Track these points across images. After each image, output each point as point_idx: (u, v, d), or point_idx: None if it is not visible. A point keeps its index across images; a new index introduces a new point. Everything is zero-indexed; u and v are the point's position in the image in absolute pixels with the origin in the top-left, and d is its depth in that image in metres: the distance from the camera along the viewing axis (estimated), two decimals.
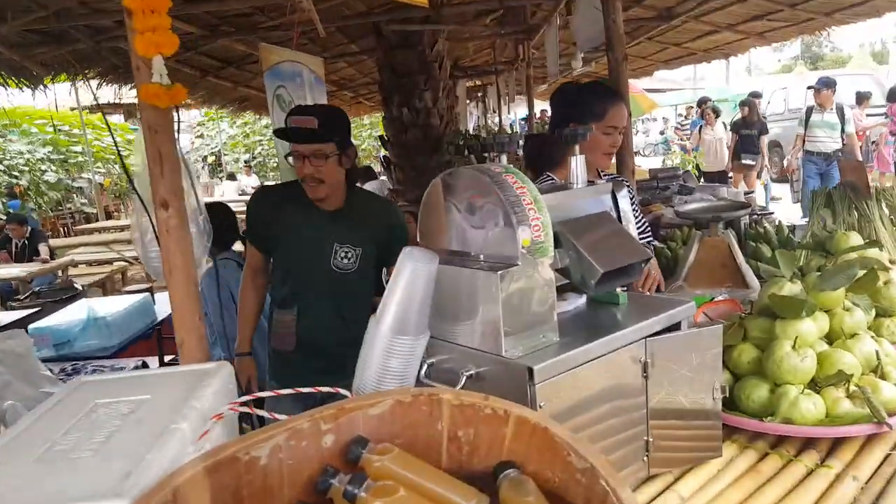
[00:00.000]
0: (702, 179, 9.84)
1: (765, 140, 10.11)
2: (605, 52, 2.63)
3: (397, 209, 2.60)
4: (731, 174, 10.46)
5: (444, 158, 6.20)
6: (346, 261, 2.33)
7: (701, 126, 11.01)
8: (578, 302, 1.44)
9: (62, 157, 17.91)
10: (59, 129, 18.29)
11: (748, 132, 10.02)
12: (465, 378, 1.24)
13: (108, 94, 6.36)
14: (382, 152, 6.59)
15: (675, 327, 1.37)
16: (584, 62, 5.04)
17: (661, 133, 26.23)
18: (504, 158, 1.38)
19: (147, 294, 4.89)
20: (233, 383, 1.47)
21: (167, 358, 3.92)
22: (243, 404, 1.18)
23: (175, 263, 1.52)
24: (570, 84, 2.30)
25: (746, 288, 2.38)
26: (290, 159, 2.24)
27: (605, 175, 2.35)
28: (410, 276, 1.24)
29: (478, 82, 12.81)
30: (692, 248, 2.53)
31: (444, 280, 1.29)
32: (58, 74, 4.82)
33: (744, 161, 10.00)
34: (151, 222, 1.52)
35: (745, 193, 4.15)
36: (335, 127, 2.27)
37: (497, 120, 12.19)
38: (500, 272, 1.17)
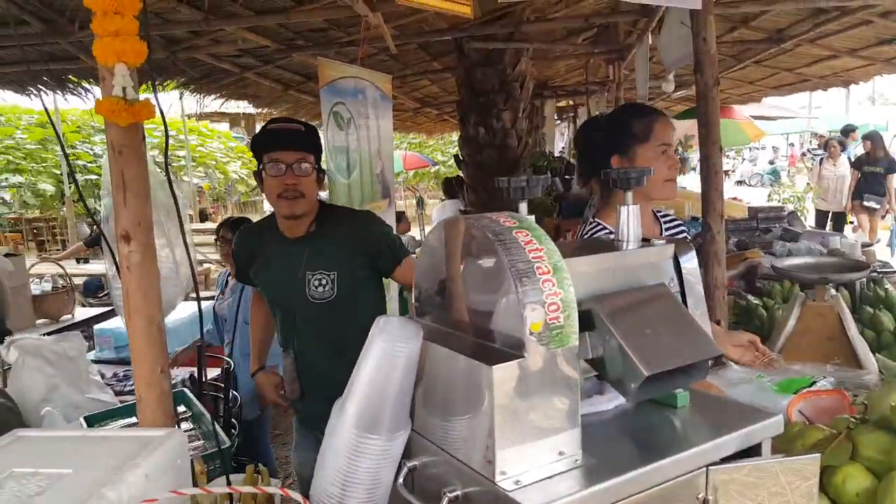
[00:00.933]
0: (810, 218, 8.93)
1: (892, 180, 8.84)
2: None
3: (373, 215, 2.38)
4: (852, 218, 9.36)
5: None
6: (320, 289, 2.07)
7: (822, 159, 9.98)
8: (622, 399, 1.09)
9: (156, 163, 18.70)
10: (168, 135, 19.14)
11: (872, 170, 8.83)
12: (446, 501, 0.92)
13: (215, 103, 6.45)
14: (457, 173, 6.33)
15: (753, 451, 1.00)
16: (676, 85, 4.59)
17: (771, 163, 24.77)
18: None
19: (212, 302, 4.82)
20: (182, 456, 1.21)
21: (211, 373, 3.77)
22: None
23: (136, 305, 1.28)
24: (597, 117, 1.93)
25: (859, 368, 1.92)
26: (267, 171, 2.00)
27: (667, 221, 1.95)
28: (383, 358, 0.94)
29: (569, 102, 12.37)
30: (793, 311, 2.09)
31: (432, 361, 0.98)
32: (142, 84, 4.85)
33: (866, 203, 8.81)
34: (112, 254, 1.29)
35: (864, 246, 3.55)
36: (317, 140, 2.10)
37: None
38: (495, 366, 0.84)
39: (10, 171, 12.88)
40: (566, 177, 7.17)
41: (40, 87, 4.68)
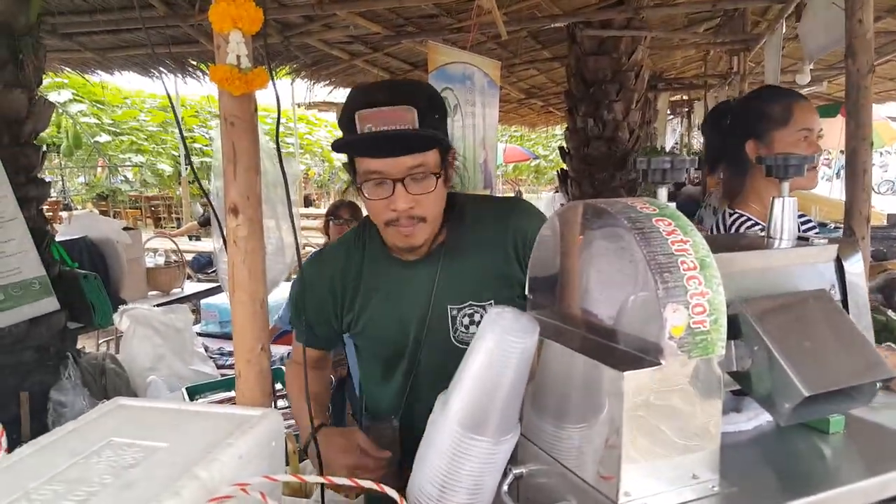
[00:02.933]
0: None
1: None
2: (843, 67, 2.01)
3: (525, 203, 1.62)
4: None
5: (629, 176, 5.61)
6: (473, 328, 1.39)
7: None
8: (762, 418, 0.94)
9: (269, 140, 19.57)
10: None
11: None
12: None
13: (324, 91, 6.58)
14: (561, 167, 6.15)
15: None
16: (812, 78, 4.21)
17: None
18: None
19: None
20: (278, 438, 1.17)
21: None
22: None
23: (240, 281, 1.24)
24: (727, 101, 1.77)
25: None
26: (364, 189, 1.32)
27: (802, 222, 1.77)
28: (495, 353, 0.85)
29: (684, 96, 11.81)
30: None
31: (548, 359, 0.88)
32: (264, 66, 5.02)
33: None
34: (221, 230, 1.26)
35: None
36: (437, 117, 1.33)
37: (700, 139, 11.13)
38: (627, 372, 0.73)
39: (133, 152, 13.79)
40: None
41: (162, 69, 4.91)
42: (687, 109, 12.64)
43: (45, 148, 3.29)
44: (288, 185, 1.43)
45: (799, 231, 1.70)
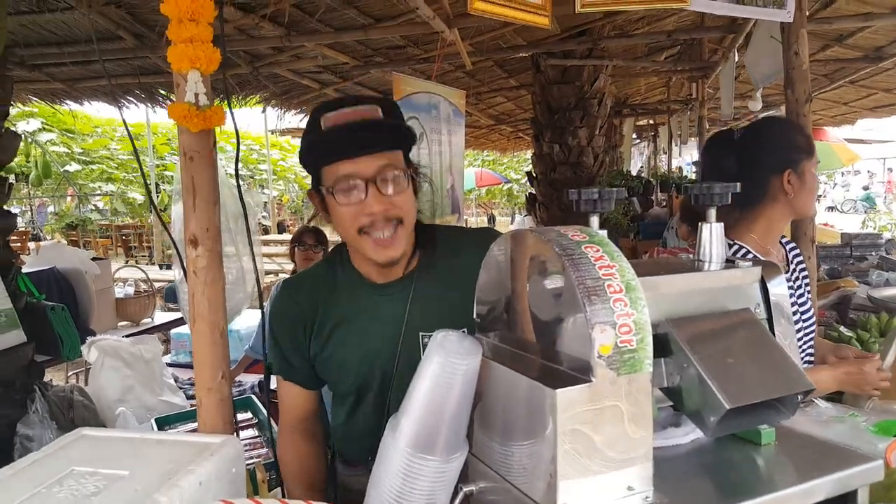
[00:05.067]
0: None
1: None
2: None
3: (490, 231, 1.50)
4: None
5: None
6: None
7: None
8: (699, 433, 1.00)
9: (250, 173, 19.55)
10: (251, 149, 20.06)
11: None
12: None
13: (296, 118, 6.63)
14: (529, 190, 6.26)
15: (848, 499, 0.89)
16: (768, 103, 4.37)
17: (865, 188, 23.52)
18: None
19: None
20: (238, 464, 1.20)
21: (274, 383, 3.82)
22: None
23: (200, 311, 1.28)
24: (731, 130, 1.81)
25: None
26: (335, 196, 1.26)
27: (791, 249, 1.85)
28: (441, 374, 0.90)
29: (650, 121, 12.10)
30: (891, 346, 1.92)
31: (492, 380, 0.93)
32: (223, 100, 5.05)
33: None
34: (181, 261, 1.30)
35: None
36: (401, 121, 1.35)
37: (666, 162, 11.38)
38: (559, 389, 0.78)
39: (104, 180, 13.67)
40: (644, 197, 6.98)
41: (131, 99, 4.92)
42: (653, 133, 12.93)
43: (11, 179, 3.28)
44: (247, 214, 1.47)
45: (788, 258, 1.80)
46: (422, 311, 1.36)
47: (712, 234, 1.01)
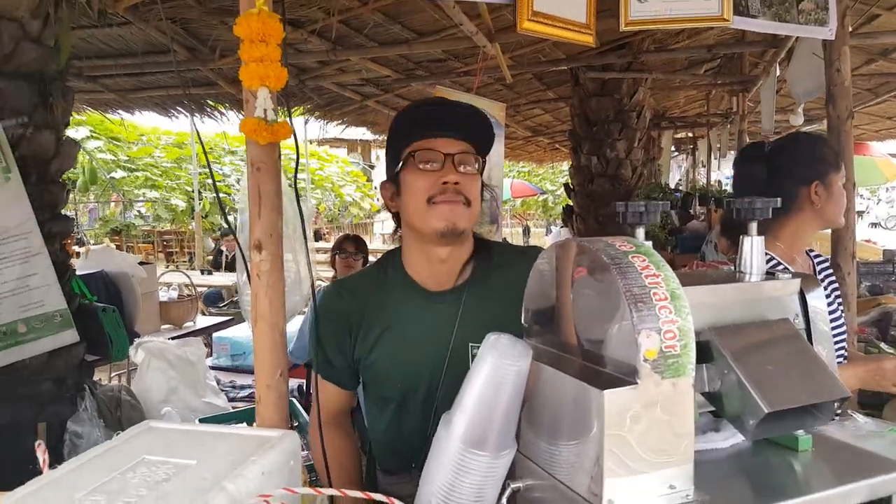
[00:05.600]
0: None
1: None
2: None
3: (538, 249, 1.63)
4: None
5: None
6: None
7: None
8: (738, 438, 1.04)
9: (288, 182, 19.87)
10: (290, 158, 20.41)
11: None
12: None
13: (336, 129, 6.79)
14: (563, 205, 6.29)
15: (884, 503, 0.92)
16: (805, 119, 4.34)
17: None
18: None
19: None
20: (295, 458, 1.27)
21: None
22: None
23: (262, 311, 1.36)
24: (761, 143, 1.90)
25: None
26: (415, 164, 1.36)
27: (819, 262, 1.91)
28: (493, 374, 0.95)
29: (689, 134, 12.02)
30: None
31: (541, 382, 0.98)
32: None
33: None
34: (245, 265, 1.38)
35: None
36: (489, 132, 1.43)
37: (705, 175, 11.29)
38: (606, 390, 0.83)
39: (148, 187, 14.06)
40: (682, 210, 6.95)
41: (180, 109, 5.10)
42: (691, 146, 12.84)
43: (68, 185, 3.44)
44: (305, 223, 1.55)
45: (815, 270, 1.84)
46: (472, 322, 1.37)
47: (753, 246, 1.05)
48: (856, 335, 2.05)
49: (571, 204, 6.06)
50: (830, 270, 1.93)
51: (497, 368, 0.94)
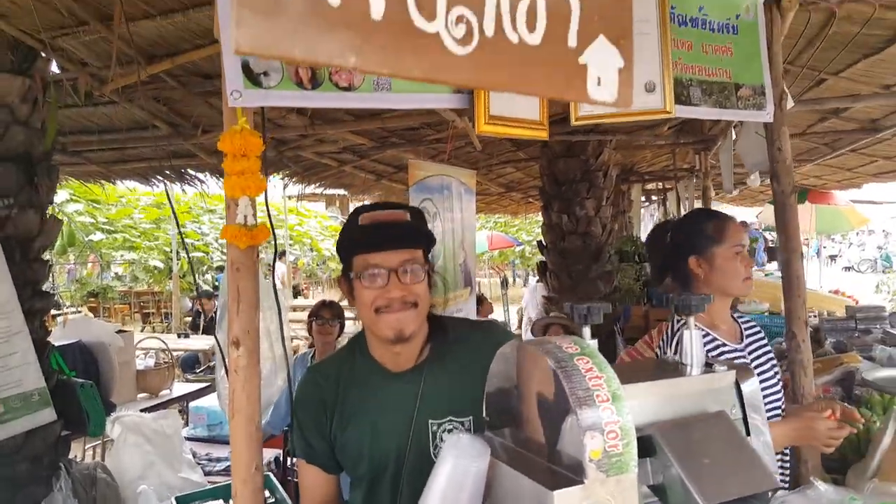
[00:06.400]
0: None
1: None
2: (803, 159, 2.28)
3: (497, 325, 1.89)
4: None
5: (604, 268, 5.88)
6: None
7: None
8: None
9: (264, 274, 19.81)
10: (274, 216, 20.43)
11: None
12: None
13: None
14: (539, 258, 6.42)
15: None
16: (763, 178, 4.56)
17: (880, 248, 23.52)
18: None
19: None
20: None
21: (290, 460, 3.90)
22: None
23: (239, 406, 1.42)
24: (667, 221, 2.09)
25: None
26: (361, 281, 1.48)
27: (747, 326, 2.04)
28: (454, 473, 1.03)
29: (658, 185, 12.32)
30: (888, 428, 2.01)
31: (498, 477, 1.06)
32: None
33: None
34: (223, 358, 1.45)
35: None
36: (424, 226, 1.60)
37: None
38: (556, 490, 0.91)
39: (126, 248, 14.01)
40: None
41: (161, 179, 5.19)
42: (662, 198, 13.14)
43: (51, 261, 3.47)
44: (282, 314, 1.63)
45: (742, 335, 1.95)
46: (432, 399, 1.51)
47: (692, 340, 1.15)
48: (814, 399, 2.14)
49: (545, 260, 6.18)
50: (757, 329, 2.06)
51: (457, 468, 1.01)
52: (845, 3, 2.55)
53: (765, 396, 1.86)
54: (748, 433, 1.09)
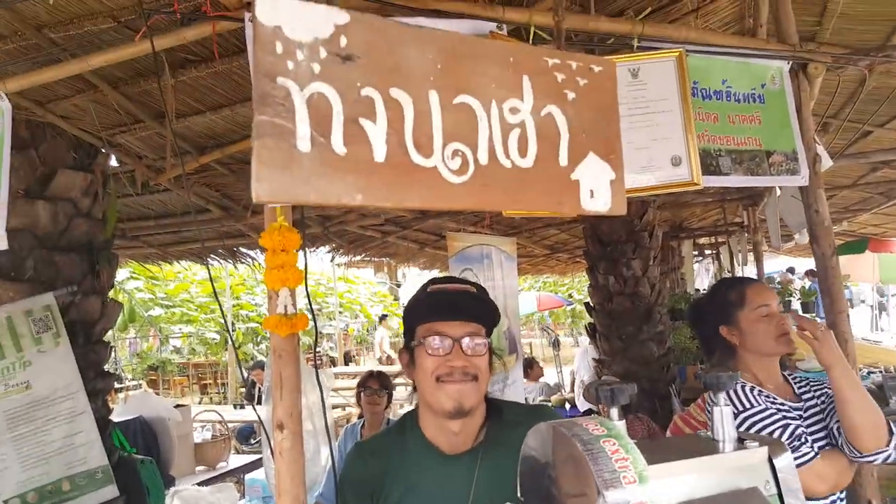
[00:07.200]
0: None
1: None
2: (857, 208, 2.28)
3: (551, 410, 1.91)
4: None
5: (656, 329, 5.78)
6: None
7: None
8: None
9: (318, 307, 20.31)
10: (319, 283, 20.98)
11: None
12: None
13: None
14: (588, 320, 6.36)
15: None
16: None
17: None
18: None
19: None
20: None
21: None
22: None
23: (284, 487, 1.48)
24: (697, 298, 2.16)
25: None
26: (425, 348, 1.49)
27: (798, 383, 2.02)
28: None
29: (710, 240, 12.14)
30: None
31: None
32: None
33: None
34: (268, 440, 1.52)
35: None
36: (491, 307, 1.60)
37: None
38: None
39: (184, 322, 14.49)
40: None
41: (215, 258, 5.43)
42: (715, 252, 12.92)
43: (112, 342, 3.66)
44: (323, 394, 1.70)
45: (795, 392, 1.93)
46: (488, 483, 1.47)
47: (723, 416, 1.16)
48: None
49: (594, 322, 6.13)
50: (809, 381, 2.03)
51: None
52: (876, 66, 2.57)
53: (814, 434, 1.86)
54: None
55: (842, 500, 1.91)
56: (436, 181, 0.74)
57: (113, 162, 3.44)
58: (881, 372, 4.71)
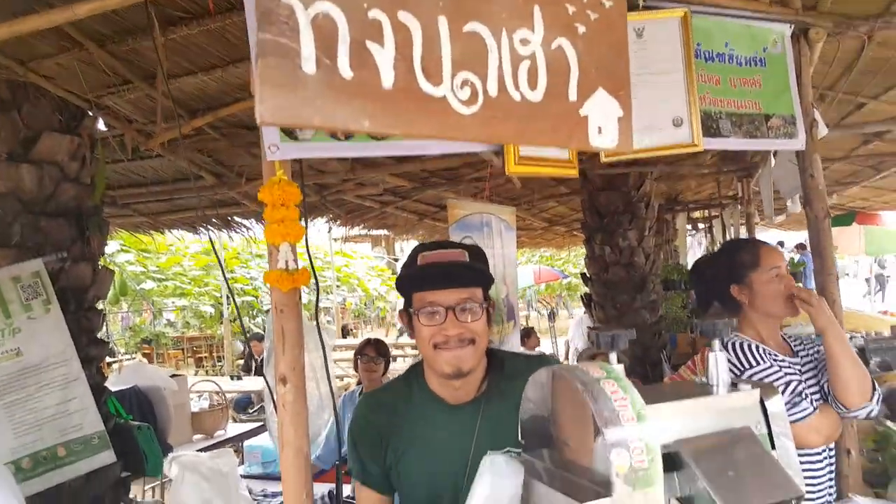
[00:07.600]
0: None
1: None
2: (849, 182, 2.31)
3: (546, 358, 1.95)
4: None
5: (649, 298, 5.85)
6: None
7: None
8: None
9: (308, 315, 20.16)
10: (316, 257, 20.89)
11: None
12: None
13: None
14: (584, 291, 6.41)
15: None
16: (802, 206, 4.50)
17: None
18: None
19: None
20: None
21: (346, 490, 3.94)
22: None
23: (287, 439, 1.50)
24: (703, 257, 2.18)
25: None
26: (419, 318, 1.53)
27: (796, 343, 2.08)
28: (490, 494, 1.08)
29: (703, 214, 12.17)
30: None
31: (534, 496, 1.10)
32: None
33: None
34: (271, 394, 1.54)
35: None
36: (484, 265, 1.63)
37: None
38: (585, 503, 0.95)
39: (177, 296, 14.45)
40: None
41: (209, 227, 5.41)
42: (709, 225, 12.96)
43: (104, 310, 3.64)
44: (327, 354, 1.71)
45: (794, 352, 1.97)
46: (490, 431, 1.53)
47: (718, 362, 1.18)
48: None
49: (589, 292, 6.18)
50: (801, 340, 2.11)
51: (494, 486, 1.06)
52: (876, 32, 2.57)
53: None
54: (773, 447, 1.12)
55: (831, 449, 1.97)
56: (445, 111, 0.74)
57: (101, 126, 3.33)
58: (862, 336, 4.81)
